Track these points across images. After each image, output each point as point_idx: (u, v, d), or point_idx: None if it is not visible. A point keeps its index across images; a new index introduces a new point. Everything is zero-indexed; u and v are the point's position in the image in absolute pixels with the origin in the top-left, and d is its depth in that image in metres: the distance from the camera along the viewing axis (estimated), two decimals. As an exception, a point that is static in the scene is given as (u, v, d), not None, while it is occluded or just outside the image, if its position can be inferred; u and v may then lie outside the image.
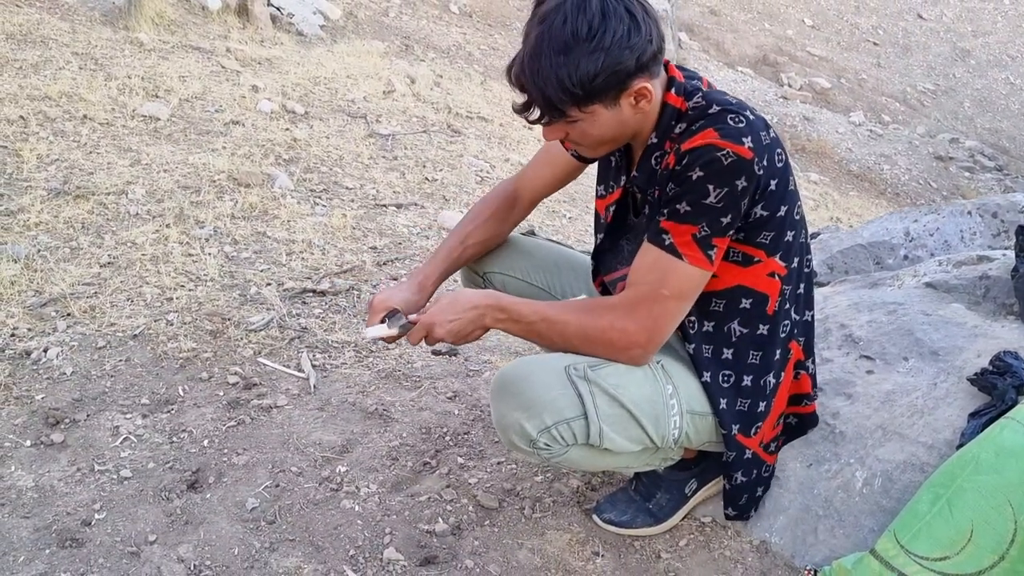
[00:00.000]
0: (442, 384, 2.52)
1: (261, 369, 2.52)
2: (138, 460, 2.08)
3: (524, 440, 1.57)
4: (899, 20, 19.35)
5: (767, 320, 1.67)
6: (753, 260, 1.61)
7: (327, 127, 5.00)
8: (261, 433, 2.22)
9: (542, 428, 1.56)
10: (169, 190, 3.62)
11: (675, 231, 1.53)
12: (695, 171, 1.49)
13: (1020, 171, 13.89)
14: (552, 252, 2.06)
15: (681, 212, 1.52)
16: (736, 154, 1.47)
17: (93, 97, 4.36)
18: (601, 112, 1.53)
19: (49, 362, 2.42)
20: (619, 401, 1.59)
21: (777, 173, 1.54)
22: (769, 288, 1.64)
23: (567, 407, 1.56)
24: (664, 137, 1.60)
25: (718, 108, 1.53)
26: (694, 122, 1.54)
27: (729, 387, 1.70)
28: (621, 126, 1.57)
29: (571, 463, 1.66)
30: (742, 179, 1.48)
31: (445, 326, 1.65)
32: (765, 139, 1.51)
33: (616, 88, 1.50)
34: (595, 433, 1.58)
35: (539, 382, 1.56)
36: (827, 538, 1.81)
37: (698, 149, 1.49)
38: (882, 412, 1.94)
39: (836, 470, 1.88)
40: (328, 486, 2.04)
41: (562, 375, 1.57)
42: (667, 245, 1.54)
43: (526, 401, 1.55)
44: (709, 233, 1.52)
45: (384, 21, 9.67)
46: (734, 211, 1.51)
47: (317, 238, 3.49)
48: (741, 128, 1.49)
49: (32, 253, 2.95)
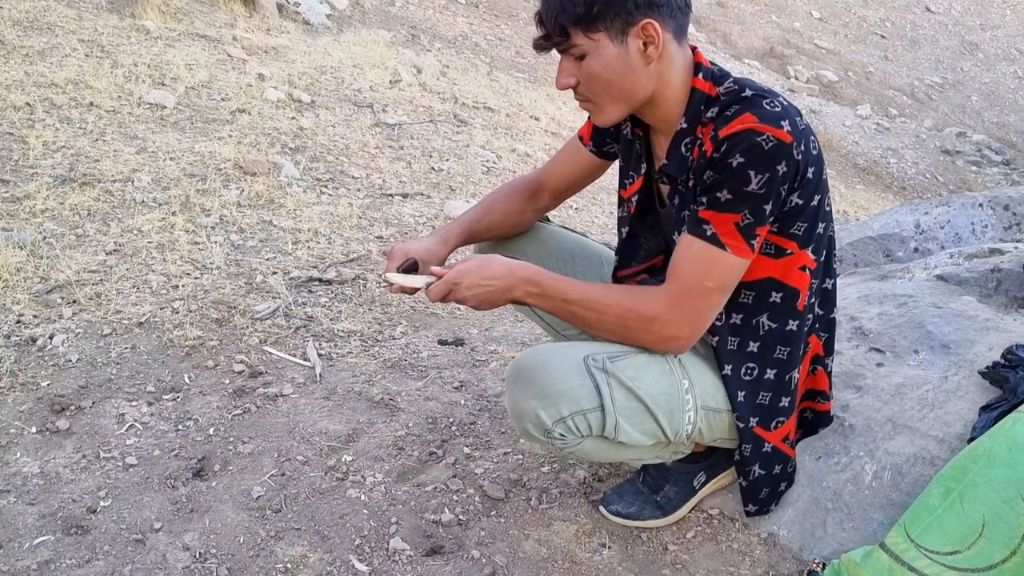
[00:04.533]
0: (448, 374, 2.51)
1: (267, 358, 2.51)
2: (143, 448, 2.08)
3: (539, 429, 1.56)
4: (907, 13, 19.26)
5: (797, 316, 1.64)
6: (785, 252, 1.58)
7: (333, 116, 4.98)
8: (267, 422, 2.21)
9: (558, 418, 1.54)
10: (175, 178, 3.61)
11: (716, 220, 1.50)
12: (735, 157, 1.46)
13: (1029, 166, 13.83)
14: (567, 240, 2.03)
15: (722, 200, 1.49)
16: (776, 138, 1.44)
17: (99, 84, 4.34)
18: (607, 46, 1.51)
19: (55, 349, 2.41)
20: (636, 394, 1.57)
21: (813, 160, 1.52)
22: (800, 282, 1.62)
23: (584, 398, 1.54)
24: (694, 123, 1.58)
25: (752, 92, 1.51)
26: (728, 107, 1.52)
27: (751, 380, 1.68)
28: (629, 73, 1.54)
29: (583, 454, 1.64)
30: (783, 164, 1.45)
31: (472, 289, 1.59)
32: (800, 124, 1.49)
33: (621, 15, 1.48)
34: (611, 425, 1.56)
35: (557, 371, 1.54)
36: (836, 531, 1.80)
37: (738, 134, 1.46)
38: (892, 405, 1.93)
39: (845, 463, 1.87)
40: (334, 475, 2.03)
41: (580, 365, 1.55)
42: (709, 236, 1.51)
43: (543, 390, 1.53)
44: (752, 221, 1.49)
45: (390, 11, 9.64)
46: (775, 197, 1.48)
47: (323, 227, 3.48)
48: (778, 112, 1.47)
49: (38, 240, 2.94)
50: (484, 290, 1.60)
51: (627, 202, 1.83)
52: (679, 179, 1.63)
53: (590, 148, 1.92)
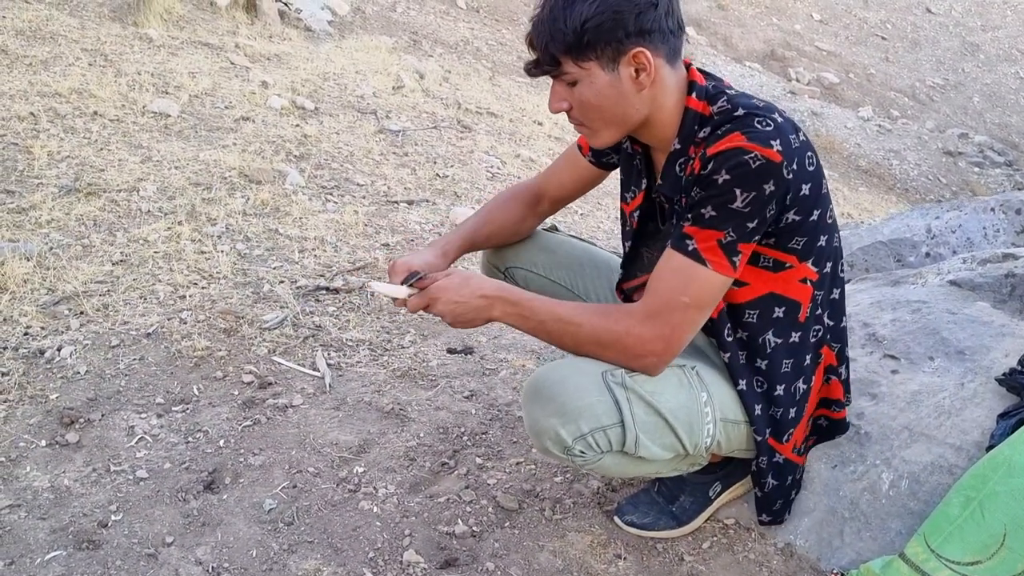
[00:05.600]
0: (458, 383, 2.50)
1: (276, 368, 2.50)
2: (154, 460, 2.06)
3: (559, 447, 1.54)
4: (908, 14, 19.26)
5: (799, 327, 1.63)
6: (784, 266, 1.57)
7: (337, 123, 4.97)
8: (277, 433, 2.20)
9: (578, 435, 1.52)
10: (180, 187, 3.60)
11: (699, 236, 1.49)
12: (721, 175, 1.45)
13: (1031, 167, 13.81)
14: (576, 249, 2.02)
15: (706, 217, 1.48)
16: (764, 157, 1.43)
17: (103, 93, 4.34)
18: (598, 73, 1.49)
19: (63, 361, 2.40)
20: (655, 408, 1.56)
21: (809, 177, 1.50)
22: (800, 295, 1.61)
23: (604, 414, 1.52)
24: (687, 143, 1.57)
25: (744, 111, 1.50)
26: (719, 126, 1.50)
27: (763, 393, 1.67)
28: (621, 100, 1.52)
29: (603, 469, 1.63)
30: (770, 183, 1.44)
31: (448, 304, 1.59)
32: (795, 142, 1.47)
33: (612, 44, 1.46)
34: (631, 441, 1.55)
35: (575, 387, 1.52)
36: (853, 541, 1.78)
37: (724, 153, 1.45)
38: (908, 413, 1.91)
39: (862, 472, 1.86)
40: (346, 487, 2.01)
41: (599, 381, 1.53)
42: (690, 251, 1.50)
43: (561, 407, 1.51)
44: (735, 239, 1.48)
45: (392, 16, 9.64)
46: (760, 216, 1.47)
47: (329, 235, 3.47)
48: (769, 131, 1.45)
49: (44, 251, 2.93)
50: (460, 308, 1.60)
51: (629, 217, 1.82)
52: (674, 199, 1.62)
53: (589, 159, 1.91)
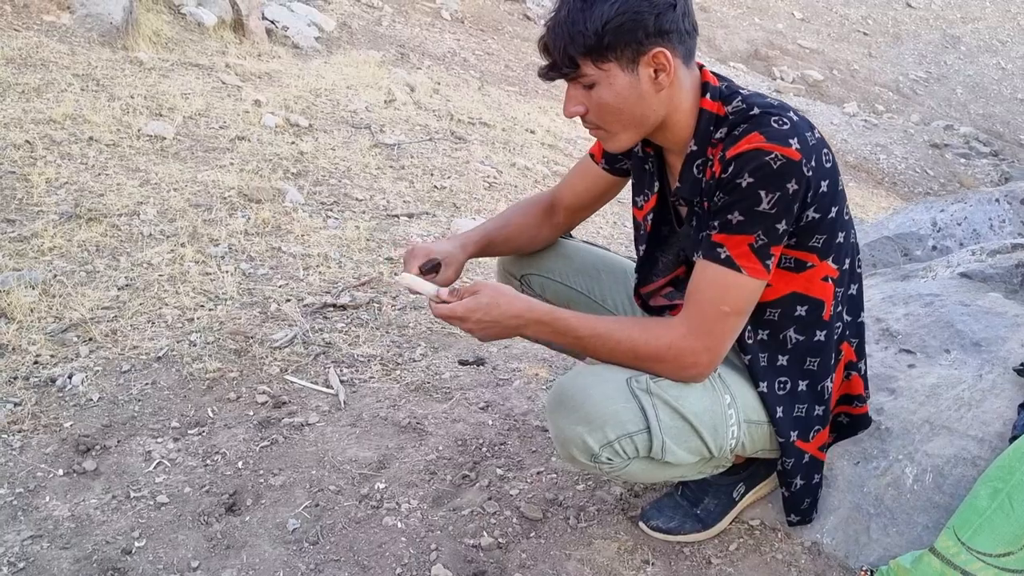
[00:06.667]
0: (473, 394, 2.50)
1: (289, 387, 2.49)
2: (173, 485, 2.05)
3: (585, 454, 1.54)
4: (888, 9, 19.39)
5: (823, 326, 1.63)
6: (806, 265, 1.57)
7: (332, 139, 4.97)
8: (295, 452, 2.19)
9: (604, 442, 1.52)
10: (181, 209, 3.59)
11: (730, 243, 1.49)
12: (744, 178, 1.45)
13: (1016, 155, 13.89)
14: (592, 255, 2.03)
15: (734, 223, 1.48)
16: (784, 156, 1.43)
17: (97, 118, 4.33)
18: (617, 75, 1.49)
19: (75, 388, 2.39)
20: (680, 413, 1.56)
21: (827, 174, 1.50)
22: (823, 293, 1.61)
23: (630, 421, 1.53)
24: (704, 144, 1.57)
25: (759, 111, 1.50)
26: (736, 127, 1.51)
27: (785, 394, 1.67)
28: (640, 101, 1.52)
29: (629, 476, 1.63)
30: (792, 182, 1.44)
31: (480, 324, 1.59)
32: (811, 140, 1.48)
33: (632, 45, 1.46)
34: (657, 446, 1.55)
35: (600, 395, 1.52)
36: (880, 537, 1.78)
37: (745, 154, 1.45)
38: (928, 406, 1.92)
39: (885, 467, 1.86)
40: (368, 503, 2.01)
41: (623, 387, 1.54)
42: (723, 259, 1.50)
43: (587, 415, 1.51)
44: (766, 242, 1.48)
45: (378, 30, 9.65)
46: (788, 216, 1.47)
47: (332, 251, 3.47)
48: (786, 130, 1.46)
49: (48, 278, 2.92)
50: (494, 330, 1.61)
51: (643, 221, 1.82)
52: (693, 202, 1.63)
53: (603, 166, 1.91)
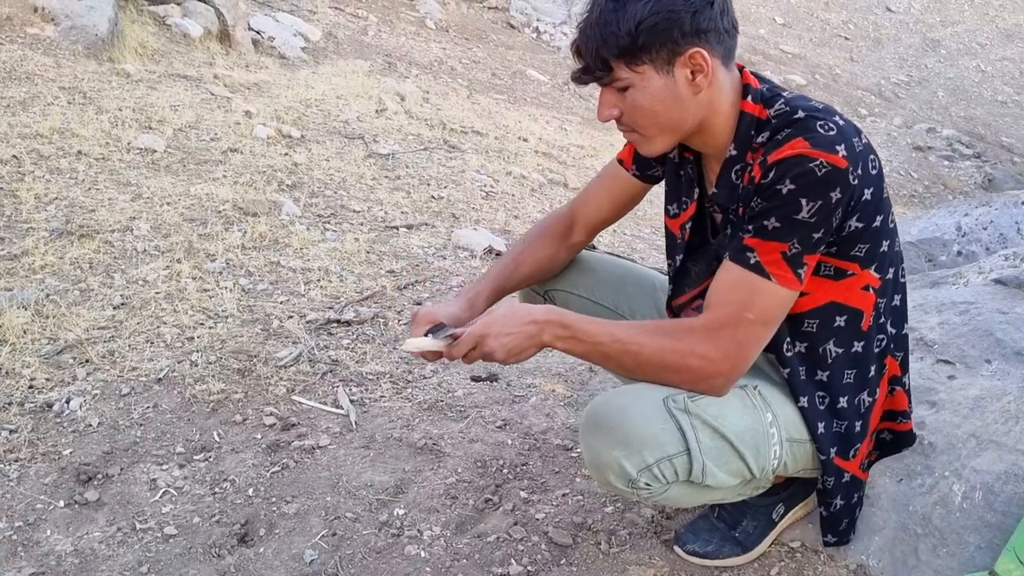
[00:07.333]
0: (489, 412, 2.40)
1: (297, 407, 2.40)
2: (181, 515, 1.95)
3: (623, 480, 1.46)
4: (868, 14, 19.46)
5: (862, 336, 1.56)
6: (846, 274, 1.50)
7: (325, 150, 4.87)
8: (308, 477, 2.10)
9: (643, 467, 1.44)
10: (175, 224, 3.48)
11: (762, 249, 1.42)
12: (785, 184, 1.37)
13: (998, 157, 13.94)
14: (616, 267, 1.94)
15: (769, 229, 1.40)
16: (830, 164, 1.36)
17: (86, 132, 4.21)
18: (652, 77, 1.42)
19: (73, 414, 2.28)
20: (721, 433, 1.48)
21: (872, 181, 1.43)
22: (863, 303, 1.53)
23: (669, 443, 1.44)
24: (744, 148, 1.49)
25: (804, 114, 1.43)
26: (779, 131, 1.44)
27: (824, 409, 1.59)
28: (677, 104, 1.45)
29: (668, 501, 1.54)
30: (836, 191, 1.37)
31: (499, 339, 1.49)
32: (858, 146, 1.40)
33: (667, 45, 1.39)
34: (698, 469, 1.47)
35: (637, 416, 1.44)
36: (930, 558, 1.70)
37: (788, 160, 1.38)
38: (972, 420, 1.84)
39: (931, 484, 1.78)
40: (388, 531, 1.91)
41: (661, 408, 1.45)
42: (753, 264, 1.42)
43: (624, 437, 1.43)
44: (800, 250, 1.41)
45: (364, 40, 9.56)
46: (827, 225, 1.40)
47: (333, 265, 3.37)
48: (832, 136, 1.38)
49: (41, 298, 2.81)
50: (512, 340, 1.49)
51: (680, 230, 1.74)
52: (729, 208, 1.55)
53: (633, 172, 1.82)
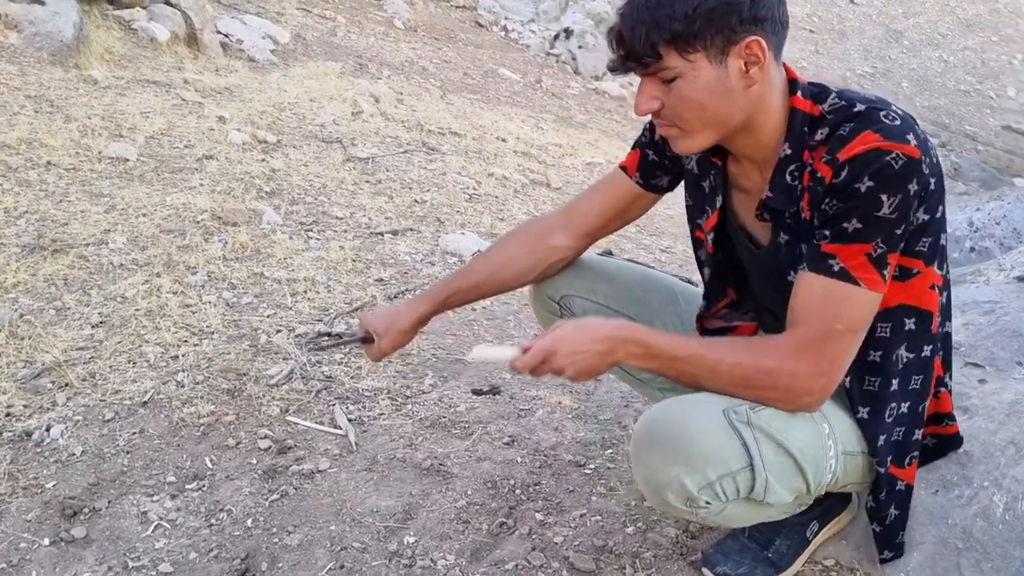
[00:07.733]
0: (494, 428, 2.30)
1: (292, 428, 2.28)
2: (176, 550, 1.83)
3: (681, 499, 1.37)
4: (832, 7, 19.57)
5: (930, 340, 1.48)
6: (912, 272, 1.42)
7: (303, 155, 4.74)
8: (309, 505, 1.98)
9: (704, 484, 1.35)
10: (152, 236, 3.34)
11: (844, 253, 1.33)
12: (864, 182, 1.29)
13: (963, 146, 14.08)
14: (636, 275, 1.84)
15: (850, 231, 1.32)
16: (906, 155, 1.28)
17: (54, 142, 4.05)
18: (704, 67, 1.32)
19: (54, 442, 2.15)
20: (785, 448, 1.39)
21: (937, 170, 1.36)
22: (931, 303, 1.46)
23: (732, 458, 1.35)
24: (800, 147, 1.40)
25: (864, 106, 1.34)
26: (839, 126, 1.35)
27: (890, 419, 1.51)
28: (727, 98, 1.35)
29: (724, 520, 1.45)
30: (914, 182, 1.30)
31: (571, 357, 1.40)
32: (922, 134, 1.33)
33: (724, 32, 1.29)
34: (760, 486, 1.38)
35: (699, 429, 1.35)
36: (974, 574, 1.63)
37: (862, 156, 1.29)
38: (1009, 426, 1.77)
39: (970, 495, 1.70)
40: (400, 561, 1.80)
41: (722, 420, 1.36)
42: (837, 271, 1.34)
43: (686, 452, 1.34)
44: (885, 250, 1.33)
45: (333, 41, 9.40)
46: (907, 221, 1.32)
47: (319, 275, 3.25)
48: (900, 125, 1.30)
49: (14, 318, 2.66)
50: (585, 358, 1.40)
51: (705, 241, 1.65)
52: (784, 212, 1.45)
53: (636, 180, 1.73)
